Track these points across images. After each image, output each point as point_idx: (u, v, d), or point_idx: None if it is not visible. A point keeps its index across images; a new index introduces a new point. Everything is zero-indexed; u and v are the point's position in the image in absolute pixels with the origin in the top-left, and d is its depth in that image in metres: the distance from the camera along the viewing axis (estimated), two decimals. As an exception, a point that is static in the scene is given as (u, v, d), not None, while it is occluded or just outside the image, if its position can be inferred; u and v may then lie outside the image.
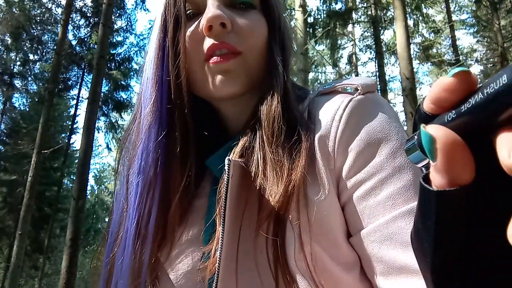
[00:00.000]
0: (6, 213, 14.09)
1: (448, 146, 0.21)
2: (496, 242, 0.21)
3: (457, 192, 0.21)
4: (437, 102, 0.23)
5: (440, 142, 0.21)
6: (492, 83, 0.19)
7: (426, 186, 0.23)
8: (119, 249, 0.55)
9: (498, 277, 0.22)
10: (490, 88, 0.19)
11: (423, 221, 0.25)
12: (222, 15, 0.53)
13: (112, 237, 0.57)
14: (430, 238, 0.24)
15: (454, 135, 0.21)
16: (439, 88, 0.22)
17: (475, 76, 0.21)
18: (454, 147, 0.21)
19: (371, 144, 0.49)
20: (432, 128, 0.22)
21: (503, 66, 11.76)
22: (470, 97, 0.21)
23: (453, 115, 0.22)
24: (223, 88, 0.55)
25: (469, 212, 0.22)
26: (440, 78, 0.23)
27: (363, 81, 0.54)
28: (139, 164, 0.55)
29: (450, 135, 0.21)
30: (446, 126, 0.22)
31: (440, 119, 0.23)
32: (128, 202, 0.56)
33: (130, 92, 13.96)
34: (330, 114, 0.51)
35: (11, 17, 12.08)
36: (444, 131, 0.21)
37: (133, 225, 0.54)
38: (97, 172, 26.35)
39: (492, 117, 0.20)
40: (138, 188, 0.55)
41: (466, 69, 0.22)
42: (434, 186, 0.23)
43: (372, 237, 0.46)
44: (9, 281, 7.83)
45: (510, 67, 0.19)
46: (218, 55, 0.54)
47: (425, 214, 0.24)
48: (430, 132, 0.22)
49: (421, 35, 14.07)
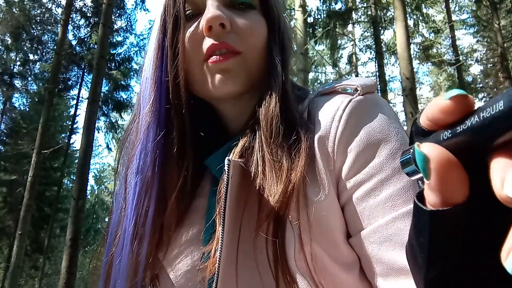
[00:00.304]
0: (6, 213, 14.10)
1: (441, 166, 0.21)
2: (490, 262, 0.21)
3: (450, 211, 0.21)
4: (433, 120, 0.23)
5: (434, 162, 0.21)
6: (489, 108, 0.19)
7: (419, 205, 0.23)
8: (117, 249, 0.55)
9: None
10: (487, 112, 0.19)
11: (416, 238, 0.24)
12: (222, 16, 0.53)
13: (111, 237, 0.57)
14: (423, 254, 0.24)
15: (448, 154, 0.21)
16: (436, 109, 0.22)
17: (471, 99, 0.21)
18: (448, 167, 0.21)
19: (370, 145, 0.49)
20: (426, 147, 0.22)
21: (503, 66, 11.77)
22: (467, 118, 0.21)
23: (449, 134, 0.22)
24: (222, 87, 0.55)
25: (463, 232, 0.22)
26: (437, 98, 0.22)
27: (363, 82, 0.54)
28: (137, 164, 0.55)
29: (444, 154, 0.21)
30: (441, 145, 0.22)
31: (436, 136, 0.23)
32: (126, 202, 0.56)
33: (130, 92, 13.98)
34: (329, 114, 0.51)
35: (11, 17, 12.09)
36: (438, 151, 0.21)
37: (131, 225, 0.54)
38: (97, 172, 26.38)
39: (486, 141, 0.20)
40: (136, 188, 0.55)
41: (463, 93, 0.21)
42: (428, 203, 0.23)
43: (372, 238, 0.46)
44: (9, 281, 7.83)
45: (507, 93, 0.19)
46: (217, 55, 0.54)
47: (419, 231, 0.24)
48: (424, 152, 0.22)
49: (421, 35, 14.08)
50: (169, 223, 0.54)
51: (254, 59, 0.56)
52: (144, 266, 0.53)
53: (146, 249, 0.53)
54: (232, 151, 0.52)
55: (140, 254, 0.53)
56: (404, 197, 0.46)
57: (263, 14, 0.59)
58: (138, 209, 0.54)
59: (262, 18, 0.59)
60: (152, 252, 0.54)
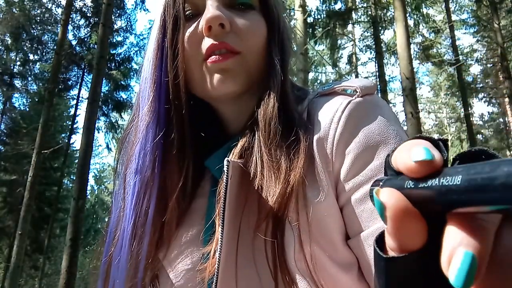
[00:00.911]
0: (6, 213, 14.10)
1: (397, 215, 0.21)
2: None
3: (406, 258, 0.22)
4: (399, 170, 0.23)
5: (390, 210, 0.21)
6: (449, 177, 0.19)
7: (376, 250, 0.24)
8: (116, 249, 0.55)
9: None
10: (446, 180, 0.20)
11: (377, 279, 0.25)
12: (221, 16, 0.53)
13: (110, 236, 0.57)
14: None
15: (406, 204, 0.21)
16: (402, 164, 0.22)
17: (437, 163, 0.21)
18: (404, 216, 0.21)
19: (369, 147, 0.49)
20: (385, 194, 0.22)
21: (503, 66, 11.77)
22: (431, 177, 0.21)
23: (412, 185, 0.22)
24: (221, 87, 0.55)
25: (420, 275, 0.22)
26: (404, 154, 0.22)
27: (362, 83, 0.54)
28: (136, 164, 0.55)
29: (400, 204, 0.21)
30: (403, 192, 0.22)
31: (401, 181, 0.23)
32: (125, 202, 0.56)
33: (130, 92, 13.98)
34: (328, 116, 0.51)
35: (11, 17, 12.09)
36: (395, 199, 0.21)
37: (129, 224, 0.54)
38: (97, 172, 26.39)
39: (443, 205, 0.20)
40: (135, 188, 0.55)
41: (428, 158, 0.21)
42: (387, 246, 0.23)
43: (370, 241, 0.46)
44: (9, 281, 7.83)
45: (467, 169, 0.19)
46: (217, 55, 0.54)
47: (377, 273, 0.24)
48: (382, 199, 0.22)
49: (421, 35, 14.07)
50: (169, 223, 0.54)
51: (253, 59, 0.56)
52: (144, 266, 0.53)
53: (146, 249, 0.53)
54: (231, 151, 0.52)
55: (139, 254, 0.53)
56: None
57: (263, 15, 0.59)
58: (137, 209, 0.54)
59: (261, 19, 0.58)
60: (152, 252, 0.54)
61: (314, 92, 0.60)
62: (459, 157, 0.22)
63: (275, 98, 0.53)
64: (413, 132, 6.31)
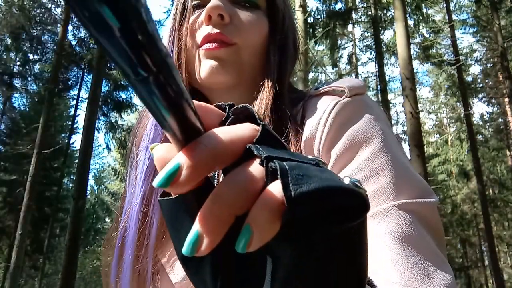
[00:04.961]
0: (6, 213, 14.10)
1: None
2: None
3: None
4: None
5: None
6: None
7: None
8: (128, 225, 0.55)
9: None
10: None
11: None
12: (221, 6, 0.55)
13: (124, 215, 0.58)
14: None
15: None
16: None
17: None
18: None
19: (351, 147, 0.49)
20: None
21: (503, 66, 11.77)
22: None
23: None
24: (211, 75, 0.56)
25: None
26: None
27: (351, 84, 0.54)
28: (147, 141, 0.57)
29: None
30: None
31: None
32: (137, 180, 0.57)
33: (130, 92, 13.94)
34: (316, 117, 0.52)
35: (11, 17, 12.09)
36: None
37: (139, 199, 0.55)
38: (97, 172, 26.35)
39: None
40: (144, 166, 0.56)
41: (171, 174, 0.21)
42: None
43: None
44: (9, 281, 7.83)
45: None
46: (211, 42, 0.56)
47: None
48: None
49: (421, 35, 14.07)
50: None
51: (247, 54, 0.57)
52: (153, 246, 0.53)
53: (155, 228, 0.53)
54: None
55: (149, 236, 0.53)
56: (379, 198, 0.46)
57: (267, 15, 0.60)
58: (145, 186, 0.55)
59: (265, 18, 0.60)
60: (161, 229, 0.54)
61: (308, 93, 0.61)
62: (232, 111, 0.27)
63: (268, 98, 0.54)
64: (413, 132, 6.32)
